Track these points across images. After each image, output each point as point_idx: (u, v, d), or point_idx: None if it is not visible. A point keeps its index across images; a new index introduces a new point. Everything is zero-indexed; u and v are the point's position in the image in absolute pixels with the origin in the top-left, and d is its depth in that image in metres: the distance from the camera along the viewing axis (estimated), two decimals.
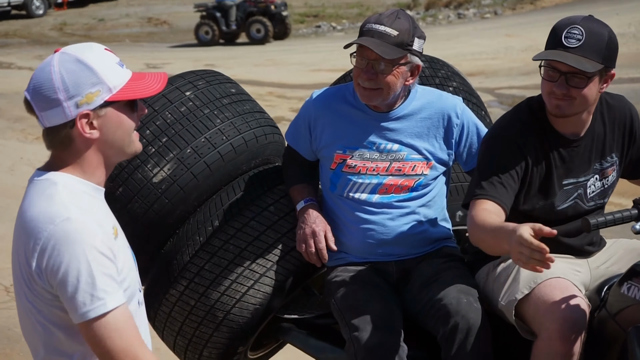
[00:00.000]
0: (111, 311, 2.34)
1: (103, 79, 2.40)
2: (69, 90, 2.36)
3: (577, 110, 3.31)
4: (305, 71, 17.73)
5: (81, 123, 2.39)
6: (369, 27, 3.50)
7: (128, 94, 2.44)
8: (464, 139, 3.68)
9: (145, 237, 3.78)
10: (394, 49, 3.44)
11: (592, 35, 3.22)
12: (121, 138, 2.48)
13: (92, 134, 2.42)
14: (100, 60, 2.42)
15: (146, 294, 3.91)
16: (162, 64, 19.32)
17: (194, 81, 3.94)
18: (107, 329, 2.34)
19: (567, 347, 3.08)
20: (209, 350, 3.76)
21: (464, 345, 3.28)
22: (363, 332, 3.34)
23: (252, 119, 3.93)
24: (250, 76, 17.55)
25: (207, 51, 22.97)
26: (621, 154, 3.49)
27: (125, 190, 3.71)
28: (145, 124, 3.76)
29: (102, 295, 2.32)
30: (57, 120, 2.39)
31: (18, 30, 28.49)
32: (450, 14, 27.49)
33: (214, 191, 3.82)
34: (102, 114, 2.42)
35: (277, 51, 22.21)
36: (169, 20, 30.05)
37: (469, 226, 3.26)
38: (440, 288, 3.43)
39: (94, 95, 2.39)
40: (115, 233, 2.46)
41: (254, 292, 3.64)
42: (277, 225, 3.71)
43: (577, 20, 3.26)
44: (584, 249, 3.50)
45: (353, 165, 3.62)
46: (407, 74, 3.54)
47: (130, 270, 2.51)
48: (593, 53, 3.22)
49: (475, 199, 3.28)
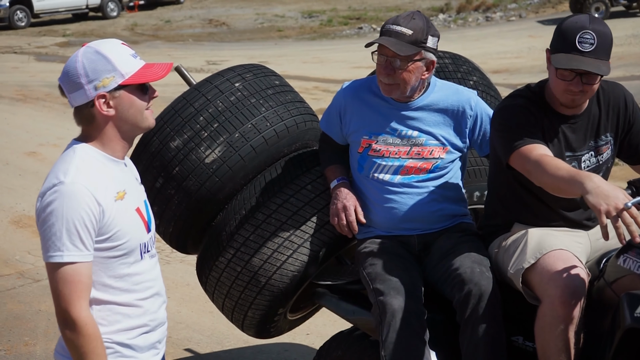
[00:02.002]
0: (65, 264, 2.52)
1: (117, 67, 2.62)
2: (89, 75, 2.59)
3: (587, 100, 3.34)
4: (347, 68, 17.65)
5: (99, 103, 2.62)
6: (387, 27, 3.52)
7: (137, 78, 2.66)
8: (477, 128, 3.69)
9: (198, 211, 3.83)
10: (409, 46, 3.46)
11: (601, 38, 3.21)
12: (134, 115, 2.68)
13: (109, 112, 2.64)
14: (116, 51, 2.64)
15: (198, 261, 3.98)
16: (220, 61, 19.36)
17: (243, 74, 3.98)
18: (57, 276, 2.53)
19: (568, 311, 3.09)
20: (253, 312, 3.81)
21: (476, 310, 3.30)
22: (387, 297, 3.37)
23: (293, 107, 3.96)
24: (298, 72, 17.52)
25: (261, 49, 22.94)
26: (616, 134, 3.49)
27: (181, 170, 3.77)
28: (199, 111, 3.81)
29: (63, 248, 2.51)
30: (80, 100, 2.62)
31: (94, 30, 28.67)
32: (479, 17, 27.21)
33: (259, 171, 3.86)
34: (116, 95, 2.63)
35: (323, 50, 22.13)
36: (227, 21, 30.04)
37: (534, 169, 3.16)
38: (456, 259, 3.45)
39: (109, 80, 2.61)
40: (121, 197, 2.65)
41: (292, 261, 3.68)
42: (314, 202, 3.74)
43: (586, 24, 3.23)
44: (582, 223, 3.49)
45: (378, 149, 3.64)
46: (422, 69, 3.54)
47: (132, 230, 2.68)
48: (604, 54, 3.23)
49: (520, 148, 3.23)
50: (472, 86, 4.20)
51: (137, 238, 2.69)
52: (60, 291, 2.53)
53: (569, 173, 3.06)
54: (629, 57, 16.47)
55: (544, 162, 3.14)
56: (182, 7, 34.15)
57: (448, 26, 26.50)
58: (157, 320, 2.80)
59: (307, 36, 26.70)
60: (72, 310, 2.53)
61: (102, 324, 2.63)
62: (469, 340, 3.32)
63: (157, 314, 2.80)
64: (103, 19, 30.90)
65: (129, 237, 2.65)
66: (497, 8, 28.46)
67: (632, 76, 14.45)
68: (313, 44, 24.65)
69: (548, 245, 3.26)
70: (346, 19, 28.88)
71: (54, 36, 27.25)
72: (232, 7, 33.40)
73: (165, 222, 3.91)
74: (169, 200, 3.82)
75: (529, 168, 3.21)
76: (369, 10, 29.94)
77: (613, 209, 2.83)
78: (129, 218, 2.67)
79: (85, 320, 2.53)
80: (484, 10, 28.34)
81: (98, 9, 31.12)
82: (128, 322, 2.70)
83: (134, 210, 2.71)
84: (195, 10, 33.25)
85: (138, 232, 2.70)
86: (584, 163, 3.43)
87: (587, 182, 2.93)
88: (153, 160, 3.82)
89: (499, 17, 27.19)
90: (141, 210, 2.75)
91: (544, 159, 3.15)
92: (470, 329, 3.31)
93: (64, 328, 2.55)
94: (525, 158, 3.22)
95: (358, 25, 27.38)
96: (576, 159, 3.42)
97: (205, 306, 5.69)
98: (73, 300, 2.53)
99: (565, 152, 3.39)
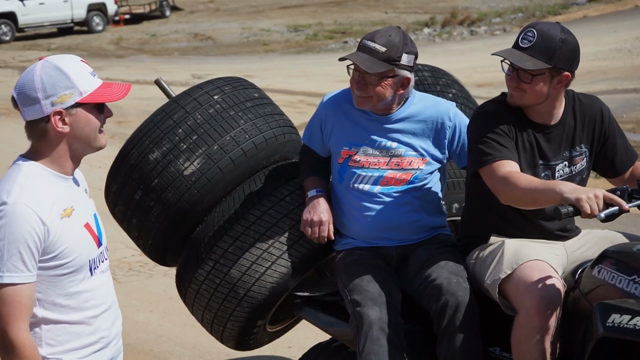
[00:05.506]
0: (5, 285, 2.50)
1: (76, 84, 2.59)
2: (47, 90, 2.56)
3: (530, 102, 3.38)
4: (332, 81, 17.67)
5: (55, 119, 2.59)
6: (363, 42, 3.55)
7: (96, 97, 2.63)
8: (456, 139, 3.71)
9: (177, 223, 3.83)
10: (381, 63, 3.48)
11: (543, 38, 3.30)
12: (88, 134, 2.66)
13: (63, 129, 2.61)
14: (75, 68, 2.62)
15: (177, 274, 3.97)
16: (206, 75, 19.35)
17: (222, 86, 3.98)
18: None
19: (544, 321, 3.11)
20: (232, 324, 3.81)
21: (453, 320, 3.32)
22: (364, 308, 3.38)
23: (272, 120, 3.97)
24: (283, 86, 17.56)
25: (247, 63, 22.98)
26: (591, 146, 3.52)
27: (160, 182, 3.77)
28: (178, 123, 3.81)
29: (3, 269, 2.49)
30: (35, 115, 2.59)
31: (80, 44, 28.66)
32: (463, 31, 27.32)
33: (238, 183, 3.86)
34: (73, 112, 2.61)
35: (308, 64, 22.18)
36: (213, 35, 30.08)
37: (501, 186, 3.23)
38: (433, 270, 3.47)
39: (67, 97, 2.59)
40: (67, 214, 2.61)
41: (271, 272, 3.68)
42: (293, 214, 3.74)
43: (539, 24, 3.36)
44: (558, 233, 3.51)
45: (357, 160, 3.66)
46: (396, 86, 3.56)
47: (80, 246, 2.64)
48: (541, 54, 3.29)
49: (489, 164, 3.29)
50: (451, 98, 4.22)
51: (85, 255, 2.66)
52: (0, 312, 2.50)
53: (542, 183, 3.16)
54: (612, 71, 16.58)
55: (514, 177, 3.20)
56: (168, 21, 34.18)
57: (433, 40, 26.62)
58: (109, 337, 2.77)
59: (292, 50, 26.77)
60: (10, 331, 2.50)
61: (52, 344, 2.61)
62: (445, 350, 3.33)
63: (110, 330, 2.78)
64: (88, 33, 30.88)
65: (76, 254, 2.62)
66: (482, 22, 28.61)
67: (614, 90, 14.55)
68: (298, 57, 24.71)
69: (524, 255, 3.29)
70: (332, 33, 28.98)
71: (38, 50, 27.22)
72: (218, 22, 33.45)
73: (144, 234, 3.90)
74: (148, 212, 3.82)
75: (495, 184, 3.28)
76: (355, 25, 30.04)
77: (593, 195, 2.92)
78: (76, 235, 2.64)
79: (23, 342, 2.50)
80: (469, 25, 28.48)
81: (83, 23, 31.11)
82: (79, 341, 2.67)
83: (83, 227, 2.68)
84: (181, 24, 33.28)
85: (87, 249, 2.68)
86: (558, 172, 3.46)
87: (562, 185, 3.04)
88: (132, 172, 3.82)
89: (484, 31, 27.33)
90: (91, 225, 2.72)
91: (513, 174, 3.22)
92: (447, 340, 3.33)
93: (1, 350, 2.51)
94: (493, 174, 3.28)
95: (343, 40, 27.47)
96: (549, 167, 3.45)
97: (187, 319, 5.67)
98: (11, 322, 2.49)
99: (539, 160, 3.42)
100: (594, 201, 2.93)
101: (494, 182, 3.28)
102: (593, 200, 2.93)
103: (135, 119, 12.67)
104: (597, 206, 2.93)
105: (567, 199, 2.96)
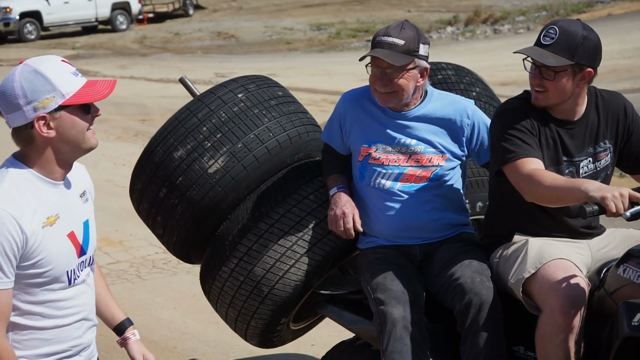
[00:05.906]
0: None
1: (57, 87, 2.51)
2: (27, 96, 2.48)
3: (554, 101, 3.37)
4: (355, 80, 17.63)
5: (39, 124, 2.51)
6: (379, 39, 3.55)
7: (79, 98, 2.55)
8: (475, 137, 3.70)
9: (201, 221, 3.85)
10: (403, 56, 3.49)
11: (565, 34, 3.29)
12: (75, 137, 2.58)
13: (49, 134, 2.53)
14: (55, 70, 2.53)
15: (202, 271, 3.99)
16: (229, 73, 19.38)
17: (246, 85, 4.00)
18: None
19: (568, 321, 3.10)
20: (256, 321, 3.82)
21: (476, 319, 3.31)
22: (388, 306, 3.38)
23: (296, 118, 3.98)
24: (306, 84, 17.57)
25: (269, 62, 23.01)
26: (615, 142, 3.51)
27: (184, 180, 3.79)
28: (202, 121, 3.83)
29: None
30: (19, 121, 2.52)
31: (104, 43, 28.83)
32: (487, 30, 27.23)
33: (262, 181, 3.87)
34: (57, 116, 2.53)
35: (331, 62, 22.16)
36: (236, 34, 30.15)
37: (526, 184, 3.23)
38: (457, 269, 3.47)
39: (49, 101, 2.50)
40: (51, 222, 2.55)
41: (295, 270, 3.69)
42: (316, 212, 3.75)
43: (560, 21, 3.36)
44: (583, 231, 3.50)
45: (377, 157, 3.66)
46: (417, 76, 3.58)
47: (58, 257, 2.57)
48: (563, 50, 3.28)
49: (513, 161, 3.29)
50: (475, 97, 4.22)
51: (63, 266, 2.59)
52: None
53: (567, 181, 3.15)
54: (638, 69, 16.46)
55: (538, 175, 3.19)
56: (191, 20, 34.31)
57: (456, 39, 26.53)
58: (81, 345, 2.71)
59: (315, 49, 26.77)
60: None
61: (19, 347, 2.55)
62: (469, 350, 3.33)
63: (82, 339, 2.71)
64: (112, 32, 31.05)
65: (54, 265, 2.56)
66: (505, 21, 28.48)
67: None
68: (321, 56, 24.70)
69: (548, 254, 3.28)
70: (354, 32, 28.95)
71: (63, 49, 27.39)
72: (241, 20, 33.52)
73: (168, 232, 3.93)
74: (172, 210, 3.84)
75: (520, 181, 3.27)
76: (377, 23, 29.97)
77: (619, 194, 2.92)
78: (57, 245, 2.56)
79: (0, 348, 2.46)
80: (492, 23, 28.36)
81: (107, 21, 31.29)
82: (47, 347, 2.61)
83: (65, 236, 2.61)
84: (204, 23, 33.38)
85: (65, 260, 2.60)
86: (582, 169, 3.45)
87: (587, 184, 3.03)
88: (157, 170, 3.85)
89: (507, 29, 27.21)
90: (76, 233, 2.65)
91: (538, 172, 3.21)
92: (471, 339, 3.32)
93: None
94: (517, 172, 3.28)
95: (366, 38, 27.41)
96: (573, 164, 3.44)
97: (211, 317, 5.70)
98: None
99: (562, 157, 3.41)
100: (619, 200, 2.92)
101: (518, 179, 3.27)
102: (618, 199, 2.92)
103: (159, 117, 12.72)
104: (623, 205, 2.92)
105: (592, 198, 2.96)
